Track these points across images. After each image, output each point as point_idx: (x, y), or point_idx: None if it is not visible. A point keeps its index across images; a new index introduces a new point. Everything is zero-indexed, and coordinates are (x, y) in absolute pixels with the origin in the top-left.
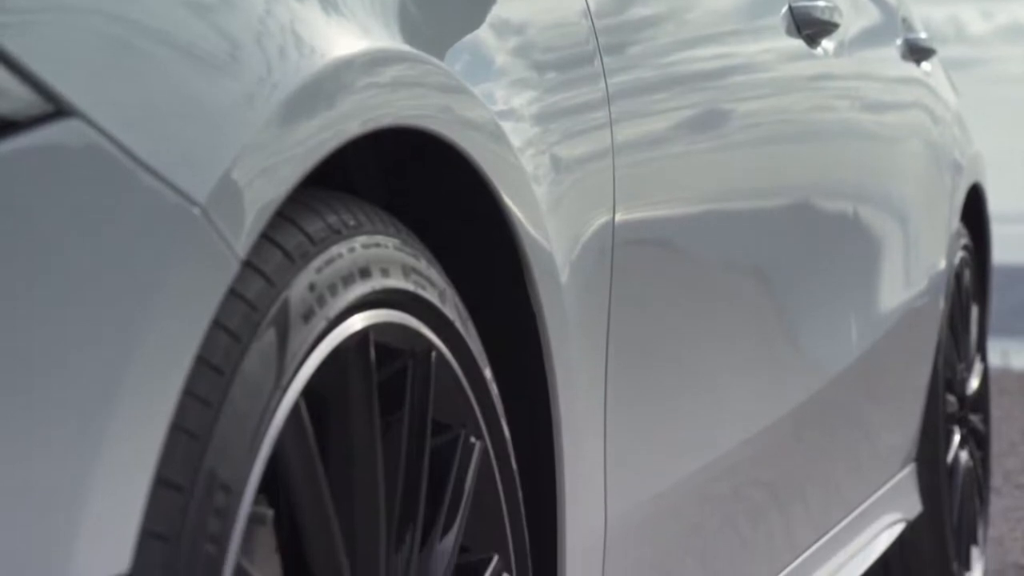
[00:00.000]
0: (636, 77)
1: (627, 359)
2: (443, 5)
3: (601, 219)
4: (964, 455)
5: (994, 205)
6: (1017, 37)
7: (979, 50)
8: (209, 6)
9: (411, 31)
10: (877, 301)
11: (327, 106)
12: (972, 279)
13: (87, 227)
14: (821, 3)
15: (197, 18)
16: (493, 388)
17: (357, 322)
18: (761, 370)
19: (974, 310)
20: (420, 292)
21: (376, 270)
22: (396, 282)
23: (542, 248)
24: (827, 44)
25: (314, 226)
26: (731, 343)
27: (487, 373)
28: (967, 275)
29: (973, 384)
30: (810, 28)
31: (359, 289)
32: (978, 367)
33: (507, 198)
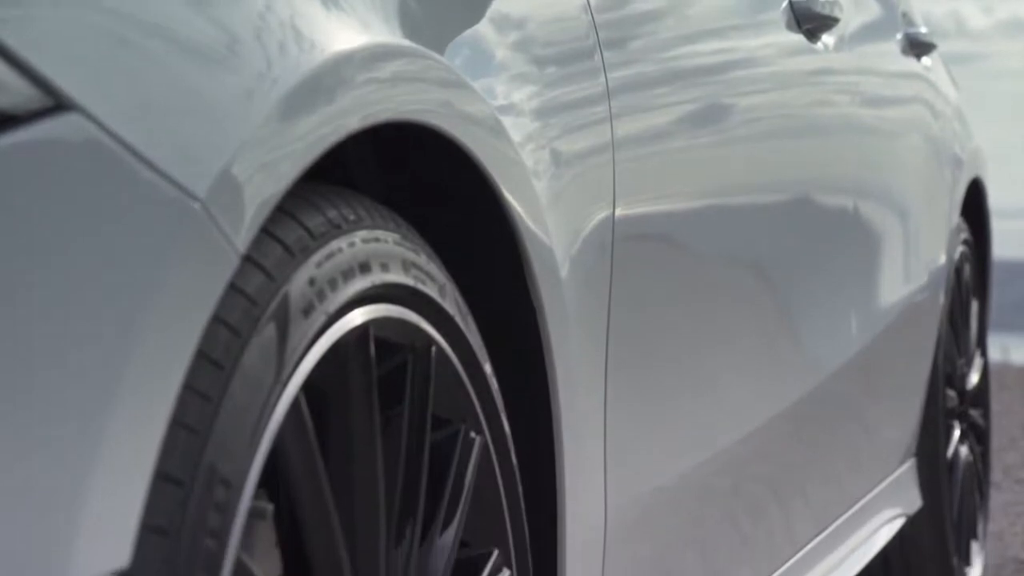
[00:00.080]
0: (636, 72)
1: (627, 354)
2: (443, 0)
3: (601, 214)
4: (964, 450)
5: (994, 200)
6: (1017, 32)
7: (979, 45)
8: (209, 1)
9: (411, 26)
10: (877, 296)
11: (327, 101)
12: (972, 274)
13: (86, 222)
14: None
15: (197, 13)
16: (493, 383)
17: (357, 317)
18: (761, 365)
19: (974, 305)
20: (420, 287)
21: (376, 265)
22: (396, 277)
23: (542, 243)
24: (827, 39)
25: (314, 221)
26: (731, 338)
27: (487, 368)
28: (967, 270)
29: (973, 379)
30: (810, 23)
31: (359, 284)
32: (978, 362)
33: (507, 193)
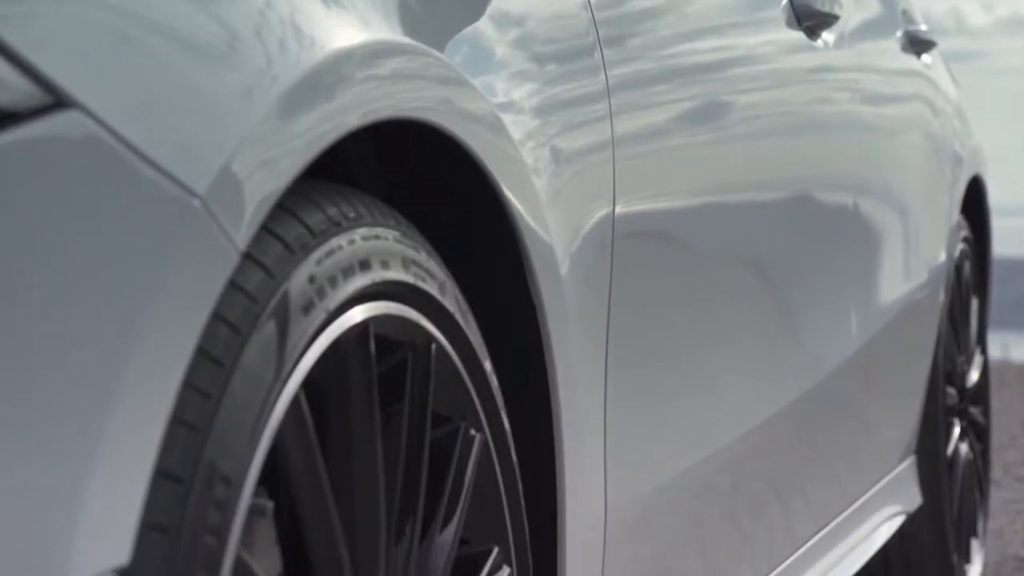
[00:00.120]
0: (636, 69)
1: (627, 351)
2: None
3: (601, 211)
4: (964, 448)
5: (994, 197)
6: (1017, 30)
7: (979, 42)
8: None
9: (411, 23)
10: (877, 293)
11: (327, 98)
12: (972, 272)
13: (86, 220)
14: None
15: (197, 10)
16: (493, 380)
17: (357, 314)
18: (761, 363)
19: (974, 303)
20: (420, 284)
21: (376, 262)
22: (396, 274)
23: (542, 240)
24: (827, 36)
25: (314, 218)
26: (731, 336)
27: (487, 365)
28: (967, 268)
29: (973, 377)
30: (810, 20)
31: (359, 281)
32: (978, 360)
33: (507, 190)
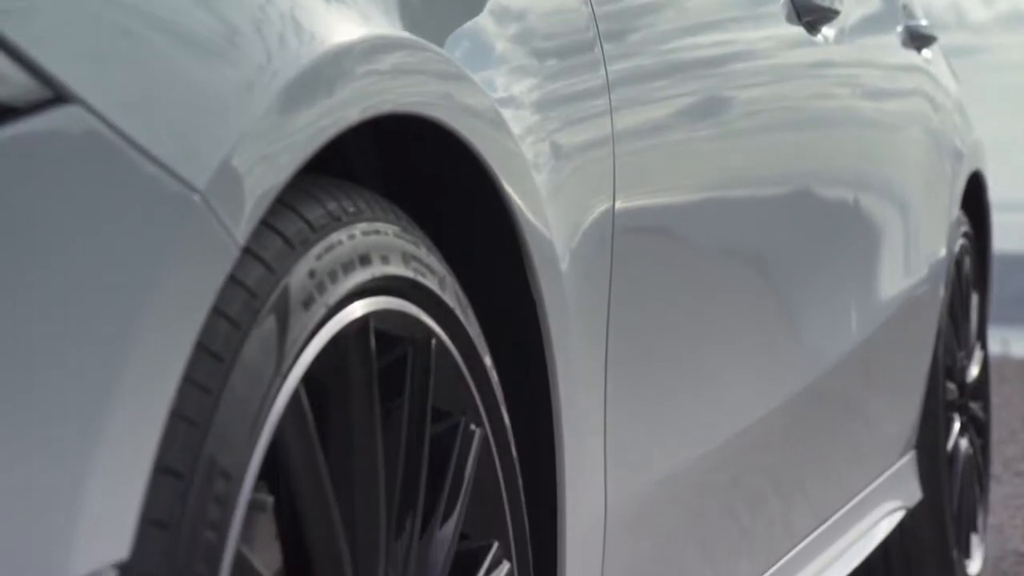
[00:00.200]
0: (636, 64)
1: (627, 347)
2: None
3: (601, 207)
4: (964, 443)
5: (994, 193)
6: (1018, 25)
7: (980, 37)
8: None
9: (411, 18)
10: (877, 289)
11: (327, 93)
12: (972, 267)
13: (86, 214)
14: None
15: (197, 5)
16: (493, 375)
17: (357, 309)
18: (761, 358)
19: (974, 298)
20: (420, 279)
21: (376, 257)
22: (396, 269)
23: (542, 236)
24: (827, 31)
25: (314, 213)
26: (731, 331)
27: (487, 360)
28: (967, 263)
29: (973, 372)
30: (810, 15)
31: (359, 276)
32: (978, 355)
33: (507, 185)
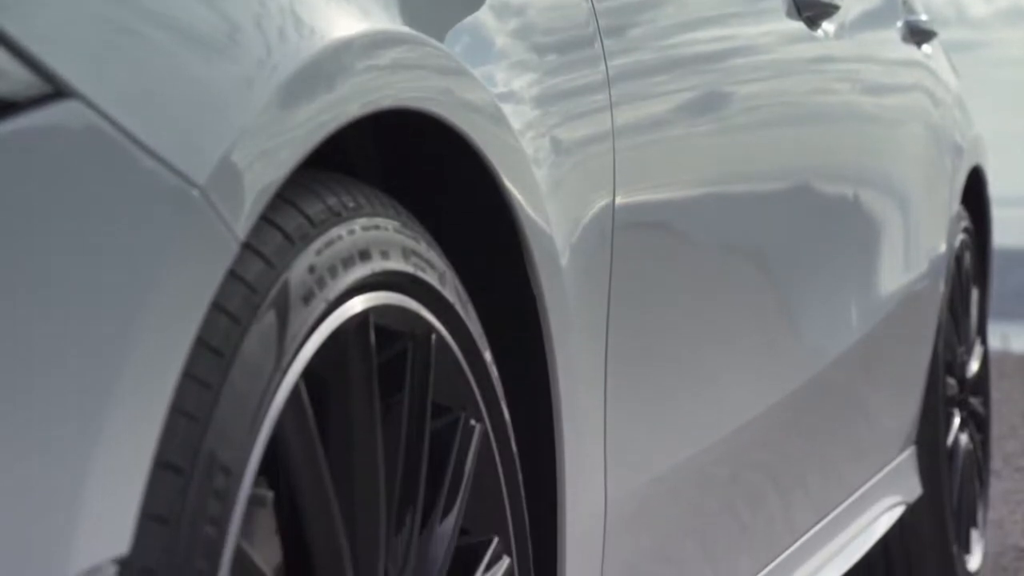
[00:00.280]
0: (636, 59)
1: (627, 342)
2: None
3: (601, 202)
4: (964, 438)
5: (995, 188)
6: (1018, 20)
7: (980, 33)
8: None
9: (411, 13)
10: (877, 284)
11: (327, 88)
12: (972, 262)
13: (86, 209)
14: None
15: (197, 0)
16: (493, 371)
17: (357, 304)
18: (761, 353)
19: (974, 293)
20: (420, 274)
21: (376, 252)
22: (396, 264)
23: (542, 231)
24: (828, 26)
25: (314, 208)
26: (731, 327)
27: (487, 356)
28: (967, 258)
29: (973, 367)
30: (811, 10)
31: (359, 271)
32: (978, 350)
33: (507, 181)
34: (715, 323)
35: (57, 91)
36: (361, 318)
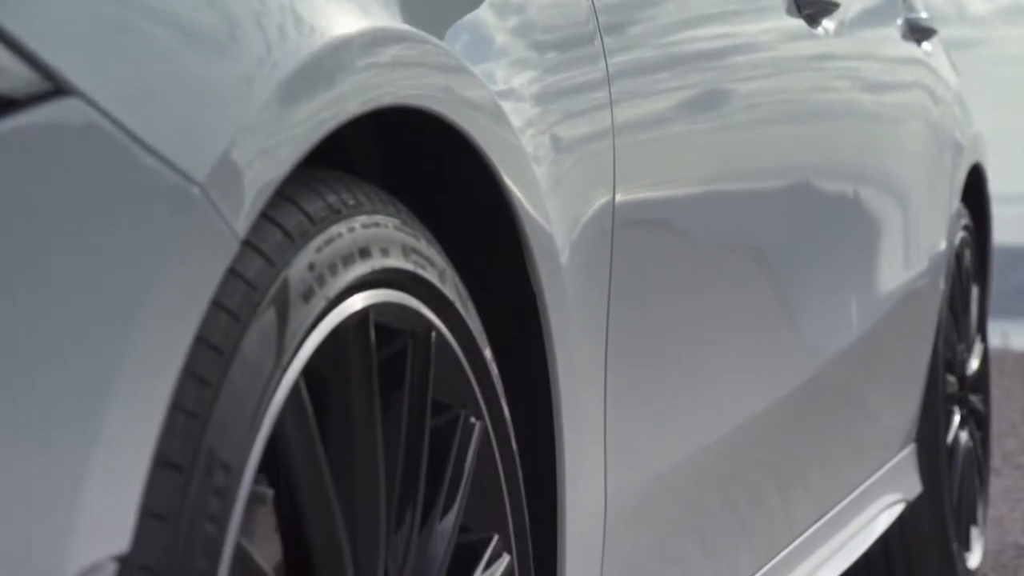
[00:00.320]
0: (636, 57)
1: (627, 340)
2: None
3: (601, 200)
4: (964, 436)
5: (995, 185)
6: (1018, 17)
7: (980, 30)
8: None
9: (411, 10)
10: (877, 281)
11: (327, 86)
12: (972, 260)
13: (86, 207)
14: None
15: None
16: (493, 368)
17: (357, 302)
18: (761, 351)
19: (974, 291)
20: (420, 272)
21: (376, 250)
22: (396, 262)
23: (542, 229)
24: (828, 24)
25: (314, 206)
26: (731, 324)
27: (487, 353)
28: (967, 256)
29: (973, 365)
30: (811, 8)
31: (359, 269)
32: (978, 348)
33: (507, 178)
34: (715, 321)
35: (57, 88)
36: (361, 316)
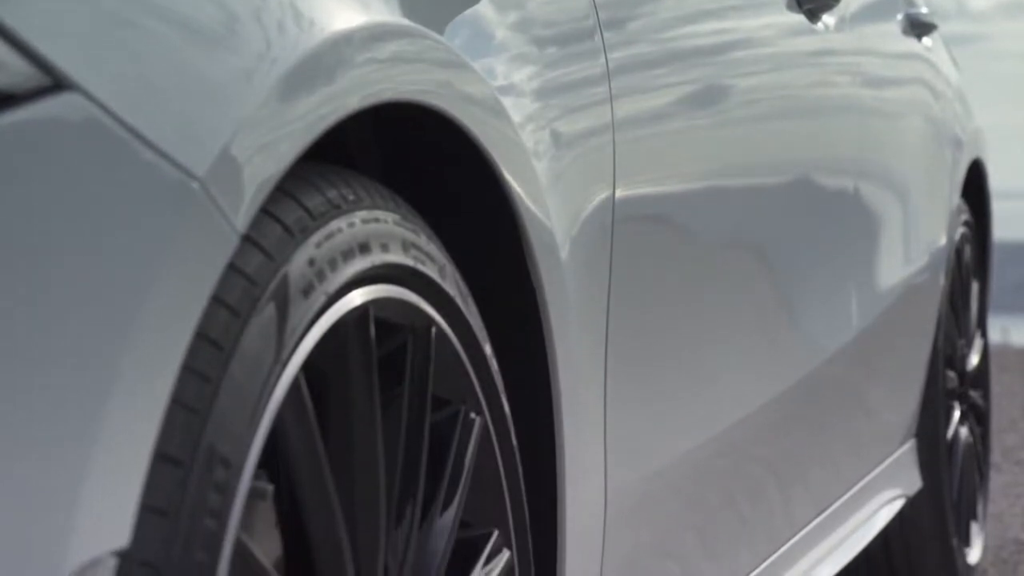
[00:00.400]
0: (636, 52)
1: (627, 336)
2: None
3: (601, 195)
4: (964, 431)
5: (995, 181)
6: (1019, 13)
7: (980, 26)
8: None
9: (410, 5)
10: (877, 277)
11: (326, 81)
12: (972, 255)
13: (85, 202)
14: None
15: None
16: (493, 364)
17: (357, 297)
18: (761, 347)
19: (974, 286)
20: (420, 267)
21: (376, 245)
22: (396, 257)
23: (542, 224)
24: (828, 19)
25: (313, 201)
26: (731, 320)
27: (487, 349)
28: (967, 251)
29: (973, 360)
30: (811, 3)
31: (359, 264)
32: (978, 343)
33: (507, 174)
34: (715, 317)
35: (56, 83)
36: (361, 311)
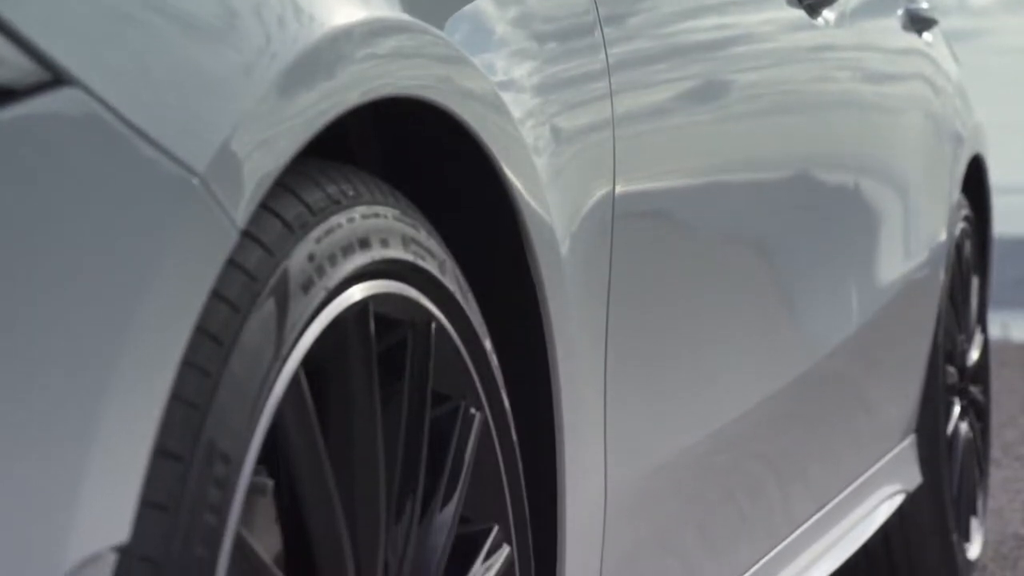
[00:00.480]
0: (636, 48)
1: (627, 331)
2: None
3: (601, 191)
4: (964, 427)
5: (995, 176)
6: (1019, 8)
7: (981, 21)
8: None
9: (410, 1)
10: (877, 272)
11: (326, 76)
12: (973, 251)
13: (85, 197)
14: None
15: None
16: (493, 359)
17: (356, 293)
18: (761, 342)
19: (974, 282)
20: (420, 263)
21: (375, 240)
22: (395, 253)
23: (542, 220)
24: (828, 14)
25: (313, 196)
26: (731, 315)
27: (487, 344)
28: (968, 247)
29: (973, 356)
30: None
31: (358, 259)
32: (978, 339)
33: (507, 169)
34: (715, 312)
35: (56, 79)
36: (361, 306)
